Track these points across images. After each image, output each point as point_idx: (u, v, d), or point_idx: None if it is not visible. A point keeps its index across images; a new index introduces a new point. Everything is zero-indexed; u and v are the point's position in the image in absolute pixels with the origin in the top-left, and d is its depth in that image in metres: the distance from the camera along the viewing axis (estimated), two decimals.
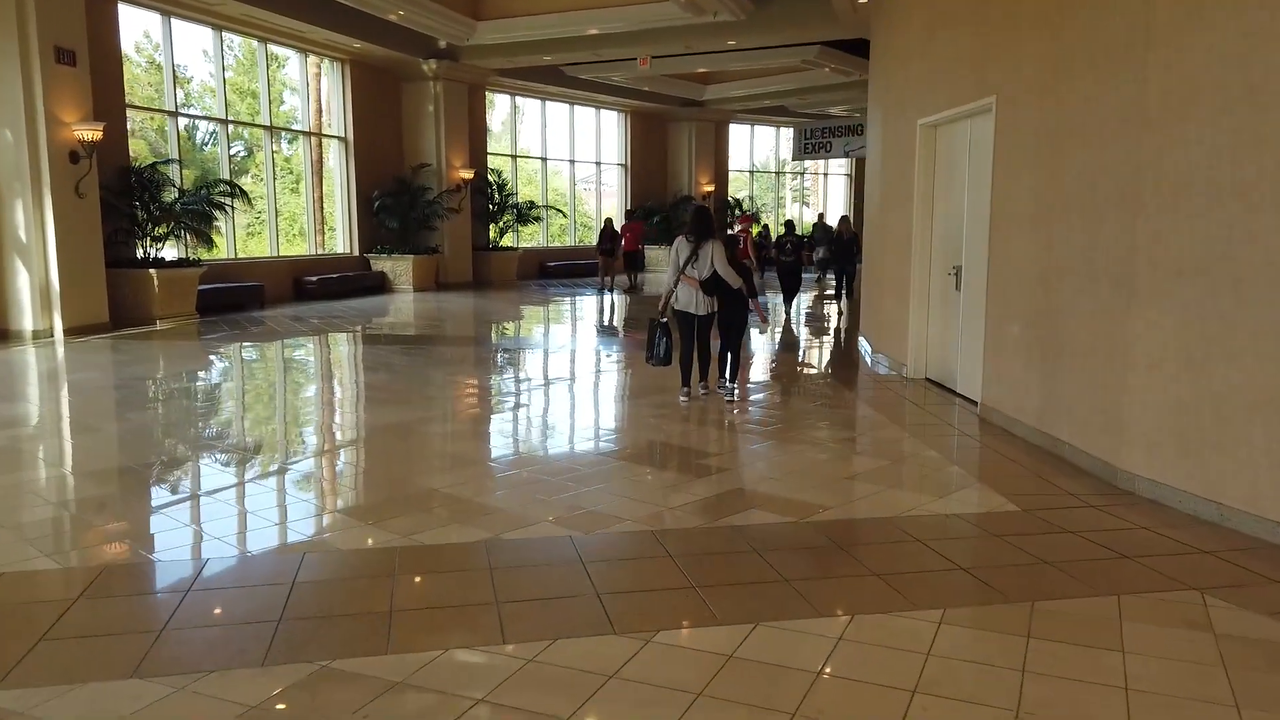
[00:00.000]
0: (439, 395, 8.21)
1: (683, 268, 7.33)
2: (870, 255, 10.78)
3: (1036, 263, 6.15)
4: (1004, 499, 4.91)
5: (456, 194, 19.78)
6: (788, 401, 7.90)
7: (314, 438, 6.62)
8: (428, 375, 9.23)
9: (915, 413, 7.32)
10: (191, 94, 19.68)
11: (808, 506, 4.76)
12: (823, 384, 9.01)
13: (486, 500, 4.88)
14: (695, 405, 7.50)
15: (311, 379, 9.39)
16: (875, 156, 10.45)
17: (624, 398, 8.07)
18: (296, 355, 10.91)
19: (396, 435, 6.55)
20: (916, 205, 8.50)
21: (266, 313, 14.87)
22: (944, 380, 8.22)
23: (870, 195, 10.95)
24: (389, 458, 6.00)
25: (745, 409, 7.45)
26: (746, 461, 5.76)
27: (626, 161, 26.30)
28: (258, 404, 7.99)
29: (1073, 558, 4.04)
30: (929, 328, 8.54)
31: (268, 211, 17.52)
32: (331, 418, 7.30)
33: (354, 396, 8.28)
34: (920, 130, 8.41)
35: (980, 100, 7.10)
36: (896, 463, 5.74)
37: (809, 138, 27.04)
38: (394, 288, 18.94)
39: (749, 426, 6.85)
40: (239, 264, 16.17)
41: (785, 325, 14.31)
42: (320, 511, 4.75)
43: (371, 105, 19.00)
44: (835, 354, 11.18)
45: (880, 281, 9.74)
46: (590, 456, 5.83)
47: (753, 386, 8.53)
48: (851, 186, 32.30)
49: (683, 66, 21.04)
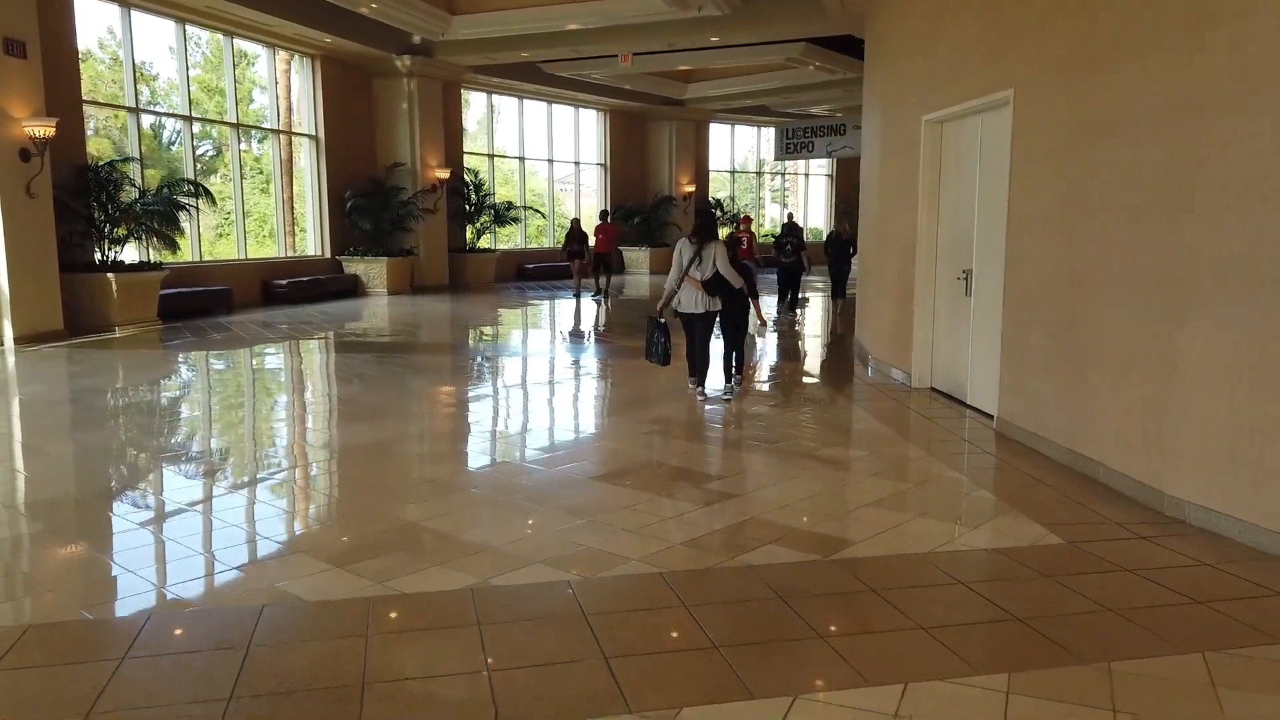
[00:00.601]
0: (415, 410, 7.66)
1: (686, 269, 7.48)
2: (868, 257, 10.33)
3: (1062, 267, 5.71)
4: (1043, 529, 4.46)
5: (432, 194, 19.18)
6: (790, 414, 7.43)
7: (278, 461, 6.06)
8: (403, 387, 8.67)
9: (926, 427, 6.86)
10: (158, 91, 19.02)
11: (830, 541, 4.28)
12: (824, 393, 8.54)
13: (471, 536, 4.36)
14: (692, 418, 7.02)
15: (277, 392, 8.80)
16: (873, 155, 10.01)
17: (613, 411, 7.57)
18: (262, 365, 10.31)
19: (369, 457, 6.00)
20: (922, 206, 8.06)
21: (233, 318, 14.23)
22: (952, 391, 7.79)
23: (867, 195, 10.51)
24: (361, 484, 5.46)
25: (744, 424, 6.98)
26: (754, 484, 5.27)
27: (606, 161, 25.79)
28: (217, 422, 7.40)
29: (1137, 603, 3.58)
30: (935, 335, 8.10)
31: (235, 212, 16.82)
32: (298, 437, 6.73)
33: (323, 412, 7.71)
34: (925, 127, 7.97)
35: (995, 94, 6.66)
36: (918, 486, 5.27)
37: (791, 137, 26.55)
38: (367, 291, 18.31)
39: (751, 443, 6.37)
40: (204, 267, 15.50)
41: (782, 327, 13.89)
42: (284, 552, 4.20)
43: (343, 103, 18.37)
44: (833, 359, 10.73)
45: (880, 285, 9.30)
46: (583, 481, 5.32)
47: (752, 398, 8.05)
48: (833, 187, 31.99)
49: (664, 64, 20.56)
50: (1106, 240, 5.22)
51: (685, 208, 26.88)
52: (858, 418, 7.23)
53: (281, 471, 5.80)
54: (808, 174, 32.12)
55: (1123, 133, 5.08)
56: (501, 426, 7.08)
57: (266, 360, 10.61)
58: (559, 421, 7.24)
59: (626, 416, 7.14)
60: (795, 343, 12.48)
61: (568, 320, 15.05)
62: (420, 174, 19.04)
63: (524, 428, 6.99)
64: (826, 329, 14.03)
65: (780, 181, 32.69)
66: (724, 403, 7.64)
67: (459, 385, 9.03)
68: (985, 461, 5.87)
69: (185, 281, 14.58)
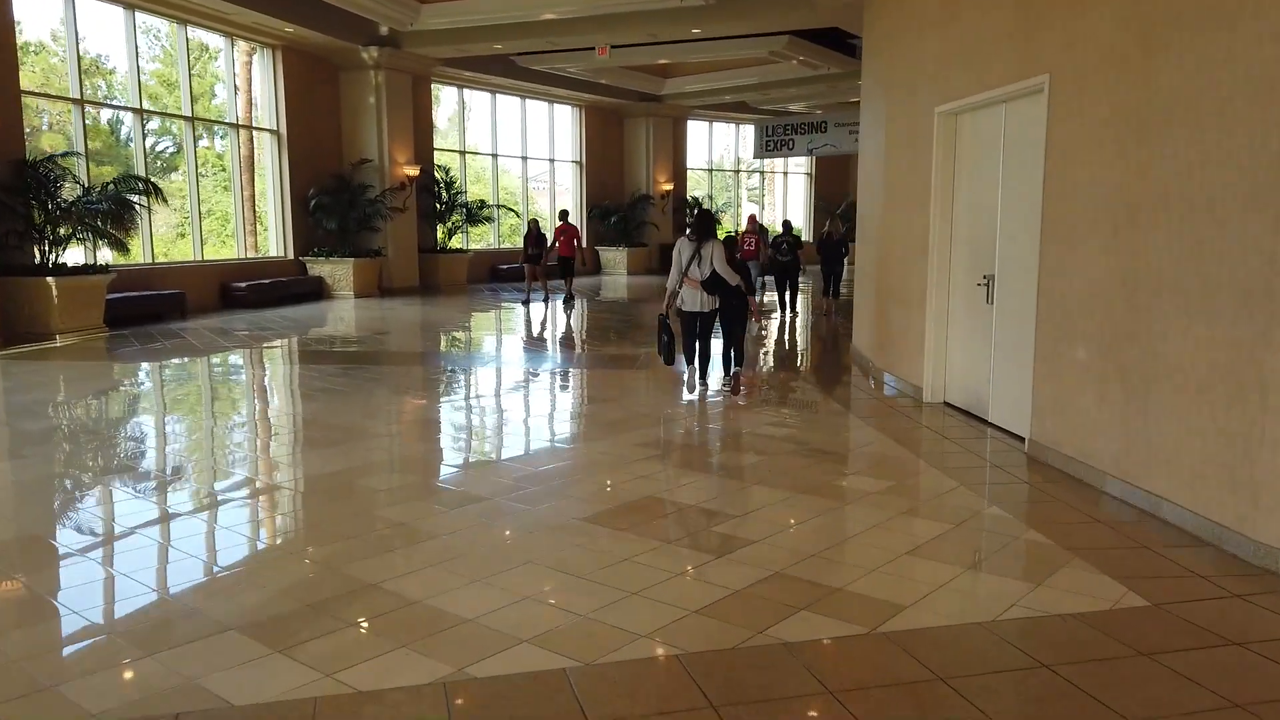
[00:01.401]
0: (382, 432, 6.87)
1: (685, 268, 7.67)
2: (868, 260, 9.67)
3: (1114, 273, 5.06)
4: (1120, 585, 3.78)
5: (401, 192, 18.34)
6: (796, 434, 6.73)
7: (218, 500, 5.26)
8: (369, 404, 7.89)
9: (948, 450, 6.20)
10: (116, 86, 18.09)
11: (874, 605, 3.58)
12: (830, 408, 7.85)
13: (443, 603, 3.61)
14: (689, 442, 6.31)
15: (226, 411, 7.96)
16: (874, 149, 9.34)
17: (602, 433, 6.83)
18: (212, 378, 9.46)
19: (327, 494, 5.23)
20: (934, 205, 7.40)
21: (188, 324, 13.33)
22: (969, 406, 7.13)
23: (867, 193, 9.85)
24: (315, 530, 4.68)
25: (747, 447, 6.28)
26: (769, 526, 4.56)
27: (581, 159, 25.03)
28: (150, 450, 6.58)
29: (1268, 695, 2.92)
30: (949, 345, 7.45)
31: (191, 211, 15.88)
32: (245, 469, 5.93)
33: (277, 436, 6.91)
34: (938, 119, 7.31)
35: (1025, 81, 6.00)
36: (958, 526, 4.59)
37: (771, 135, 25.90)
38: (333, 294, 17.44)
39: (758, 472, 5.66)
40: (157, 270, 14.57)
41: (780, 329, 13.28)
42: (211, 629, 3.43)
43: (307, 96, 17.48)
44: (833, 368, 10.05)
45: (885, 290, 8.63)
46: (574, 524, 4.59)
47: (753, 414, 7.35)
48: (812, 186, 31.44)
49: (643, 58, 19.85)
50: (1174, 242, 4.56)
51: (663, 206, 26.21)
52: (871, 439, 6.55)
53: (220, 513, 5.01)
54: (787, 172, 31.53)
55: (1193, 122, 4.43)
56: (478, 453, 6.32)
57: (217, 373, 9.76)
58: (543, 447, 6.49)
59: (617, 439, 6.41)
60: (793, 349, 11.81)
61: (543, 325, 14.29)
62: (388, 171, 18.20)
63: (503, 455, 6.24)
64: (822, 333, 13.40)
65: (759, 180, 32.02)
66: (725, 395, 7.97)
67: (430, 402, 8.25)
68: (1025, 494, 5.21)
69: (136, 285, 13.67)
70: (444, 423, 7.32)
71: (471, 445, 6.54)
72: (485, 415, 7.63)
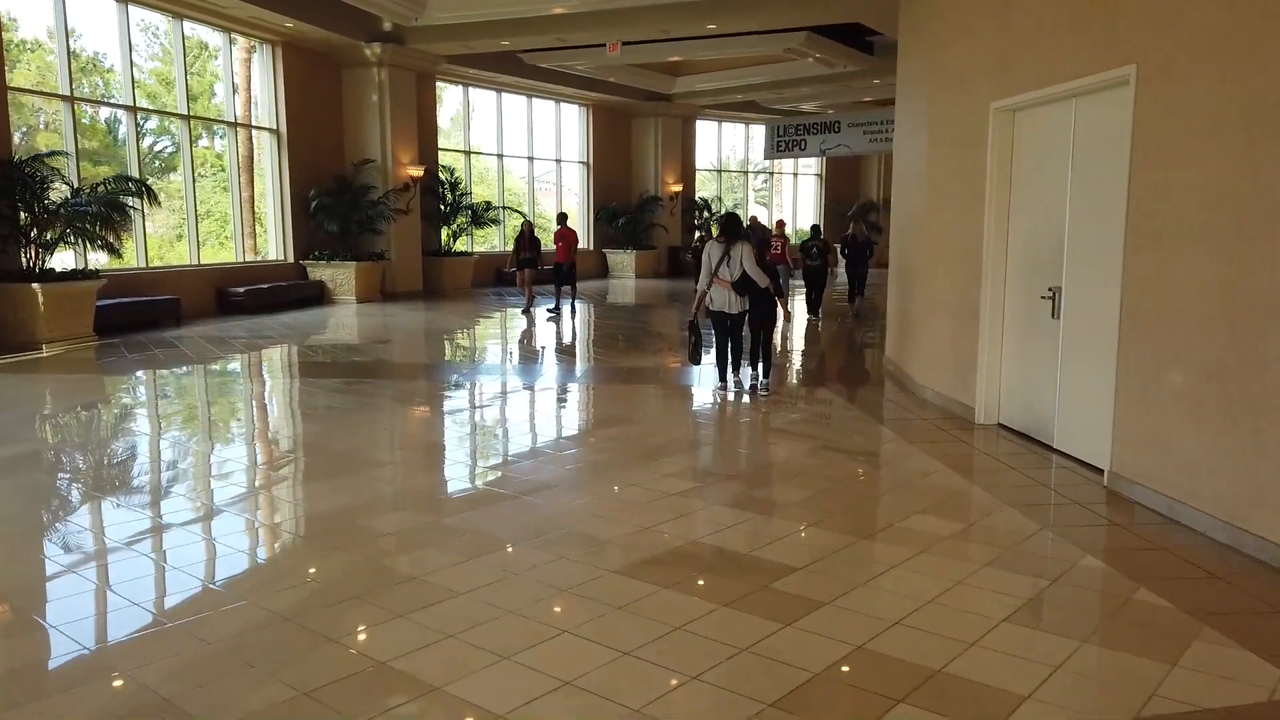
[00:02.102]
0: (385, 460, 6.24)
1: (715, 270, 7.74)
2: (907, 266, 9.06)
3: (1219, 289, 4.45)
4: (1268, 665, 3.18)
5: (404, 193, 17.75)
6: (844, 462, 6.12)
7: (200, 549, 4.66)
8: (371, 426, 7.28)
9: (1015, 481, 5.59)
10: (114, 85, 17.59)
11: (986, 694, 2.97)
12: (875, 430, 7.23)
13: (469, 692, 3.01)
14: (726, 470, 5.70)
15: (213, 436, 7.35)
16: (914, 149, 8.73)
17: (629, 460, 6.22)
18: (201, 393, 8.85)
19: (326, 541, 4.62)
20: (989, 209, 6.80)
21: (182, 331, 12.73)
22: (1030, 429, 6.52)
23: (905, 195, 9.24)
24: (314, 592, 4.06)
25: (792, 477, 5.66)
26: (837, 583, 3.95)
27: (589, 159, 24.42)
28: (127, 481, 5.98)
29: None
30: (1005, 362, 6.84)
31: (187, 213, 15.28)
32: (233, 510, 5.32)
33: (268, 467, 6.29)
34: (995, 116, 6.71)
35: (1103, 73, 5.39)
36: (1055, 583, 3.97)
37: (782, 135, 25.27)
38: (334, 299, 16.83)
39: (810, 509, 5.05)
40: (150, 274, 13.97)
41: (808, 334, 12.81)
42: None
43: (307, 94, 16.88)
44: (866, 379, 9.42)
45: (928, 300, 8.02)
46: (612, 580, 3.98)
47: (792, 437, 6.74)
48: (823, 187, 30.83)
49: (653, 55, 19.24)
50: None
51: (671, 208, 25.61)
52: (929, 468, 5.94)
53: (199, 566, 4.40)
54: (796, 173, 30.91)
55: None
56: (493, 486, 5.71)
57: (206, 388, 9.16)
58: (565, 478, 5.88)
59: (648, 469, 5.80)
60: (824, 358, 11.20)
61: (554, 333, 13.68)
62: (392, 172, 17.60)
63: (521, 489, 5.63)
64: (851, 339, 12.85)
65: (769, 181, 31.39)
66: (753, 394, 8.16)
67: (436, 422, 7.64)
68: (1120, 539, 4.60)
69: (128, 290, 13.07)
70: (452, 448, 6.70)
71: (484, 476, 5.93)
72: (497, 439, 7.02)
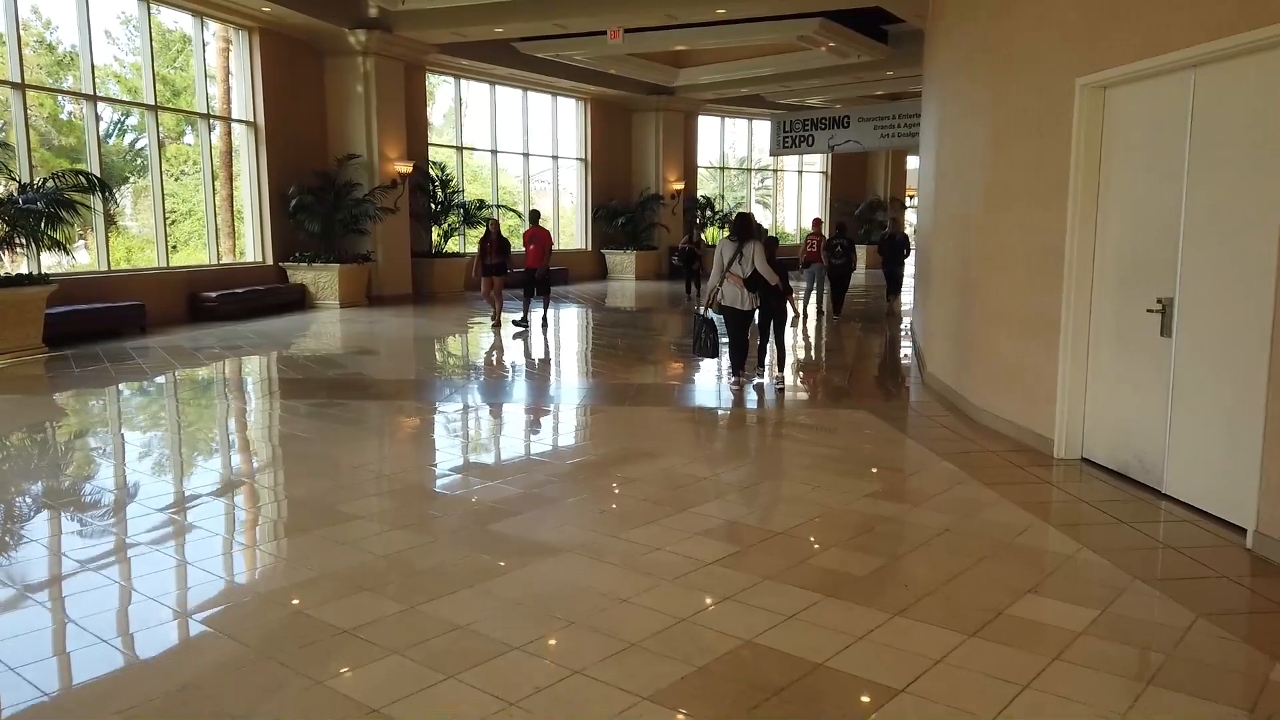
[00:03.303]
0: (353, 514, 5.07)
1: (727, 267, 7.92)
2: (953, 271, 7.98)
3: None
4: None
5: (392, 191, 16.65)
6: (912, 512, 5.04)
7: (125, 644, 3.56)
8: (342, 463, 6.16)
9: (1130, 540, 4.51)
10: (94, 81, 16.60)
11: None
12: (935, 465, 6.14)
13: None
14: (762, 515, 4.61)
15: (161, 472, 6.22)
16: (968, 137, 7.65)
17: (647, 516, 5.14)
18: (147, 419, 7.74)
19: (255, 651, 3.52)
20: (1073, 206, 5.73)
21: (147, 341, 11.62)
22: (1126, 469, 5.46)
23: (949, 190, 8.18)
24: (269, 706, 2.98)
25: (851, 528, 4.58)
26: (957, 718, 2.87)
27: (587, 155, 23.33)
28: (47, 541, 4.88)
29: None
30: (1093, 386, 5.77)
31: (154, 212, 14.16)
32: (180, 579, 4.22)
33: (222, 518, 5.19)
34: (1082, 94, 5.64)
35: (1237, 37, 4.33)
36: (1252, 714, 2.90)
37: (788, 131, 24.15)
38: (316, 303, 15.72)
39: (889, 584, 3.97)
40: (113, 278, 12.84)
41: (837, 340, 11.86)
42: None
43: (287, 84, 15.76)
44: (912, 396, 8.34)
45: (989, 310, 6.93)
46: (647, 713, 2.90)
47: (839, 469, 5.66)
48: (828, 185, 29.79)
49: (657, 44, 18.14)
50: None
51: (673, 207, 24.53)
52: (1017, 521, 4.86)
53: (122, 674, 3.31)
54: (801, 171, 29.86)
55: None
56: (483, 548, 4.61)
57: (154, 411, 8.04)
58: (570, 536, 4.77)
59: (669, 526, 4.72)
60: (855, 370, 10.14)
61: (549, 345, 12.59)
62: (378, 168, 16.50)
63: (518, 554, 4.53)
64: (889, 345, 11.88)
65: (773, 179, 30.30)
66: (758, 389, 8.40)
67: (418, 457, 6.55)
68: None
69: (88, 296, 11.98)
70: (434, 492, 5.60)
71: (472, 535, 4.82)
72: (489, 482, 5.92)
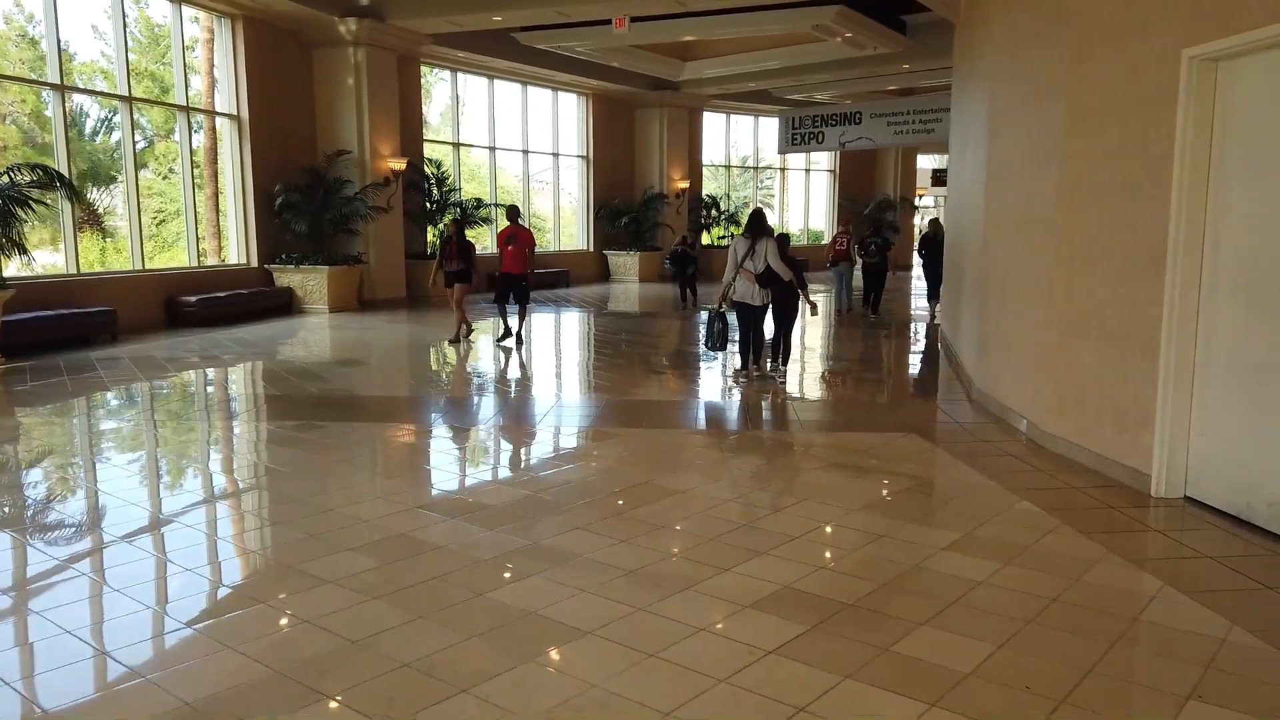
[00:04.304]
0: (323, 577, 4.13)
1: (741, 262, 8.12)
2: (1013, 274, 7.08)
3: None
4: None
5: (385, 189, 15.74)
6: (1004, 573, 4.15)
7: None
8: (328, 503, 5.26)
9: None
10: (80, 76, 15.86)
11: None
12: (1014, 505, 5.24)
13: None
14: (841, 608, 3.71)
15: (89, 517, 5.30)
16: (1034, 124, 6.76)
17: (687, 578, 4.26)
18: (98, 443, 6.82)
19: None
20: (1179, 199, 4.85)
21: (116, 350, 10.72)
22: (1251, 516, 4.58)
23: (1003, 184, 7.29)
24: None
25: (954, 624, 3.69)
26: None
27: (588, 153, 22.44)
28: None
29: None
30: (1202, 413, 4.89)
31: (129, 210, 13.26)
32: (66, 680, 3.33)
33: (159, 582, 4.30)
34: (1189, 69, 4.76)
35: None
36: None
37: (797, 127, 23.24)
38: (304, 308, 14.81)
39: (999, 673, 3.08)
40: (83, 282, 11.94)
41: (874, 347, 11.16)
42: None
43: (272, 76, 14.86)
44: (962, 418, 7.44)
45: (1056, 322, 6.04)
46: None
47: (906, 515, 4.77)
48: (836, 184, 28.91)
49: (665, 34, 17.20)
50: None
51: (678, 206, 23.64)
52: (1138, 585, 3.98)
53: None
54: (809, 169, 28.96)
55: None
56: (481, 635, 3.72)
57: (106, 433, 7.13)
58: (589, 610, 3.86)
59: (712, 592, 3.85)
60: (894, 379, 9.25)
61: (550, 352, 11.71)
62: (370, 164, 15.59)
63: (526, 644, 3.64)
64: (926, 355, 11.05)
65: (779, 178, 29.40)
66: (769, 380, 8.59)
67: (415, 491, 5.65)
68: None
69: (53, 301, 11.08)
70: (421, 546, 4.70)
71: (467, 614, 3.93)
72: (486, 530, 5.02)
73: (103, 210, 16.37)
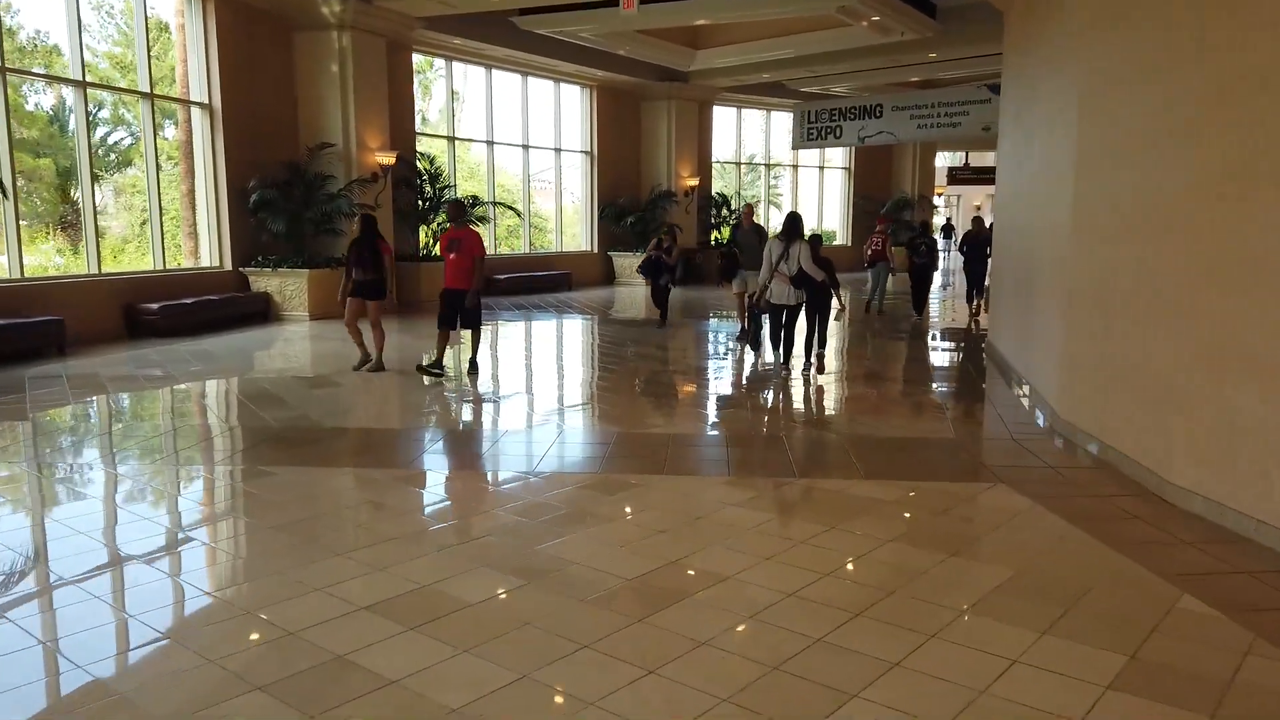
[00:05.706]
0: (334, 693, 2.93)
1: (776, 265, 8.54)
2: (1114, 286, 5.77)
3: None
4: None
5: (372, 185, 14.45)
6: (1163, 696, 2.87)
7: None
8: (251, 601, 3.99)
9: None
10: (59, 68, 14.78)
11: None
12: (1164, 594, 3.95)
13: None
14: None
15: (27, 594, 4.01)
16: (1142, 103, 5.45)
17: (731, 717, 2.99)
18: (31, 488, 5.53)
19: None
20: None
21: (62, 365, 9.45)
22: None
23: (1092, 176, 5.98)
24: None
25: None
26: None
27: (592, 148, 21.12)
28: None
29: None
30: None
31: (84, 208, 11.98)
32: None
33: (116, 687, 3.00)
34: None
35: None
36: None
37: (814, 121, 21.84)
38: (282, 315, 13.54)
39: None
40: (28, 288, 10.67)
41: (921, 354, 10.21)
42: None
43: (248, 61, 13.58)
44: (1047, 456, 6.14)
45: (1191, 348, 4.73)
46: None
47: (1028, 614, 3.49)
48: (851, 182, 27.59)
49: (675, 16, 15.86)
50: None
51: (686, 205, 22.32)
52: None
53: None
54: (823, 166, 27.63)
55: None
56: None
57: (47, 472, 5.84)
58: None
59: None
60: (959, 405, 7.95)
61: (552, 369, 10.41)
62: (356, 158, 14.31)
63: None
64: (975, 367, 9.89)
65: (791, 175, 28.07)
66: (804, 376, 8.89)
67: (373, 586, 4.34)
68: None
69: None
70: (378, 706, 3.42)
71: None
72: (469, 657, 3.72)
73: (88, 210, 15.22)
